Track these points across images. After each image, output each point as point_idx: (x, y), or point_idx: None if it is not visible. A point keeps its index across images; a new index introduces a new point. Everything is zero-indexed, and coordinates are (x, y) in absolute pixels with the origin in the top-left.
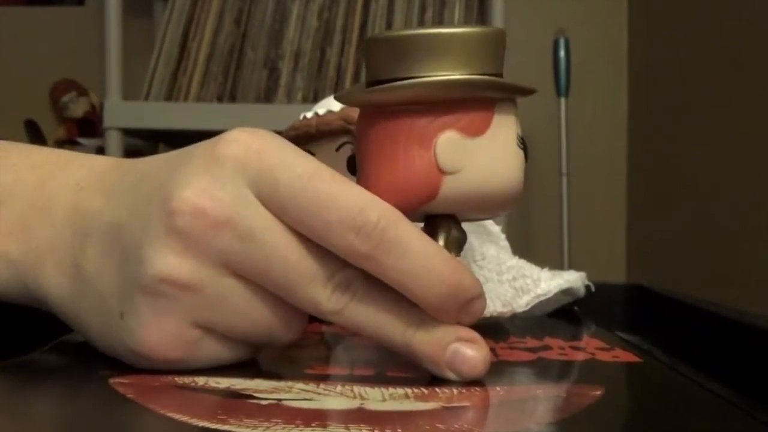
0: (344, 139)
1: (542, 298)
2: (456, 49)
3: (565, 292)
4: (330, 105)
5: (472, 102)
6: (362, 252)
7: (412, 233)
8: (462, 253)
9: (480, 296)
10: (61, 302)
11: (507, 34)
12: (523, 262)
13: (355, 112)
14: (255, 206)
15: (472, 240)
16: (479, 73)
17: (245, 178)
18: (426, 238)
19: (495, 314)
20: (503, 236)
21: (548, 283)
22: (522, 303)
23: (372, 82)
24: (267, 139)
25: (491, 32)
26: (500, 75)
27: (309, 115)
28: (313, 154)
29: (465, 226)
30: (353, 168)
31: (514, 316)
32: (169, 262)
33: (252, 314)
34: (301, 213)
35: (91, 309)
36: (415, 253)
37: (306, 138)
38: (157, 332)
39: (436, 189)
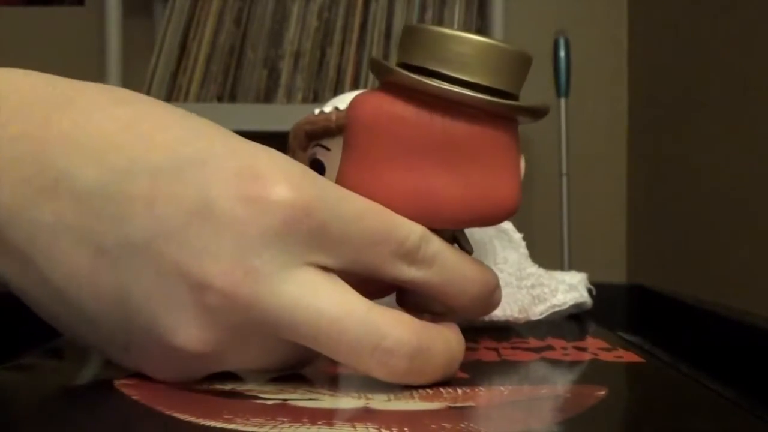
0: None
1: (557, 309)
2: (510, 66)
3: (577, 305)
4: (350, 99)
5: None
6: (411, 276)
7: (443, 245)
8: (483, 254)
9: (498, 286)
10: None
11: (507, 34)
12: (542, 271)
13: None
14: (293, 274)
15: (495, 244)
16: (513, 92)
17: (290, 243)
18: (451, 247)
19: (511, 319)
20: (523, 244)
21: (564, 295)
22: (537, 311)
23: (406, 66)
24: (311, 187)
25: (529, 56)
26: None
27: (327, 109)
28: (328, 149)
29: (486, 229)
30: None
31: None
32: (192, 335)
33: (269, 360)
34: (352, 255)
35: (79, 321)
36: (451, 263)
37: (323, 132)
38: (166, 374)
39: (517, 205)
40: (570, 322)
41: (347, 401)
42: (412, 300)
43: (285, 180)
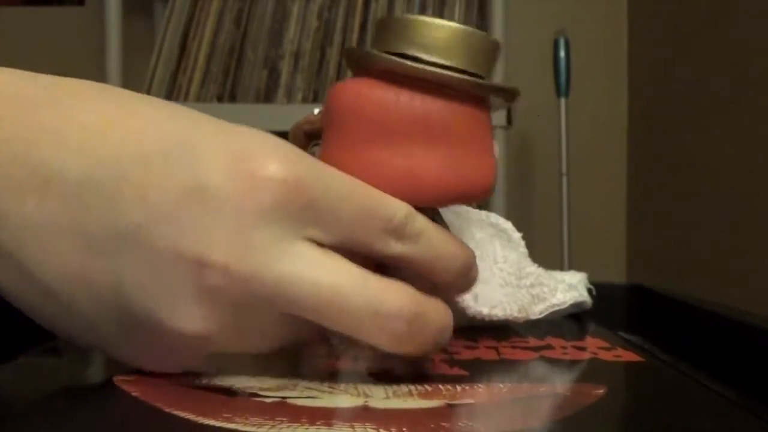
0: None
1: (556, 308)
2: (481, 50)
3: (577, 304)
4: None
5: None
6: (399, 251)
7: (427, 222)
8: (484, 254)
9: (475, 264)
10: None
11: (507, 34)
12: (541, 270)
13: None
14: (290, 248)
15: (495, 243)
16: (484, 76)
17: (284, 218)
18: (434, 224)
19: (510, 318)
20: (523, 243)
21: (564, 294)
22: (536, 311)
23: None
24: (302, 165)
25: (498, 43)
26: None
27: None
28: None
29: (486, 229)
30: None
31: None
32: (192, 316)
33: (268, 340)
34: (344, 231)
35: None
36: (436, 239)
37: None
38: (167, 365)
39: (493, 183)
40: (570, 322)
41: (346, 399)
42: (399, 278)
43: (276, 157)
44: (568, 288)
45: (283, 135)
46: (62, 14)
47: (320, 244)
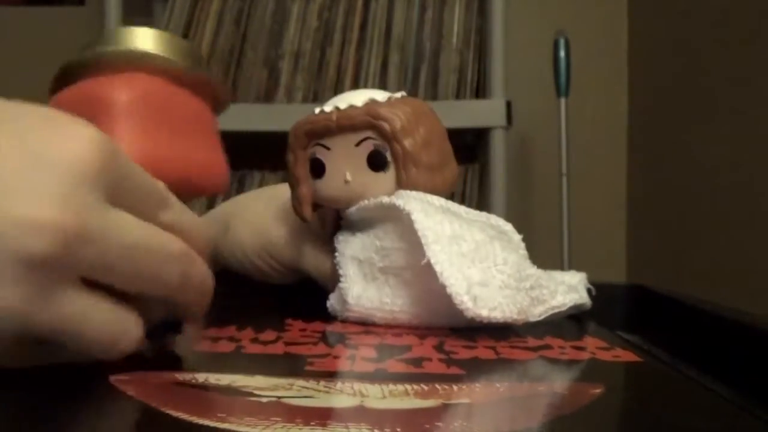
0: (367, 134)
1: (555, 311)
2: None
3: (576, 306)
4: (350, 99)
5: None
6: (170, 218)
7: (178, 200)
8: (484, 255)
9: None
10: None
11: (507, 34)
12: (541, 272)
13: (381, 107)
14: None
15: (496, 245)
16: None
17: (104, 184)
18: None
19: (510, 321)
20: (523, 245)
21: (564, 296)
22: (536, 313)
23: None
24: (110, 143)
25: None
26: None
27: (327, 108)
28: (328, 148)
29: (487, 230)
30: (375, 164)
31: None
32: (10, 294)
33: (86, 324)
34: (137, 201)
35: None
36: (190, 213)
37: (324, 132)
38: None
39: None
40: (568, 322)
41: (342, 399)
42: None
43: (89, 132)
44: (568, 290)
45: (283, 135)
46: (62, 14)
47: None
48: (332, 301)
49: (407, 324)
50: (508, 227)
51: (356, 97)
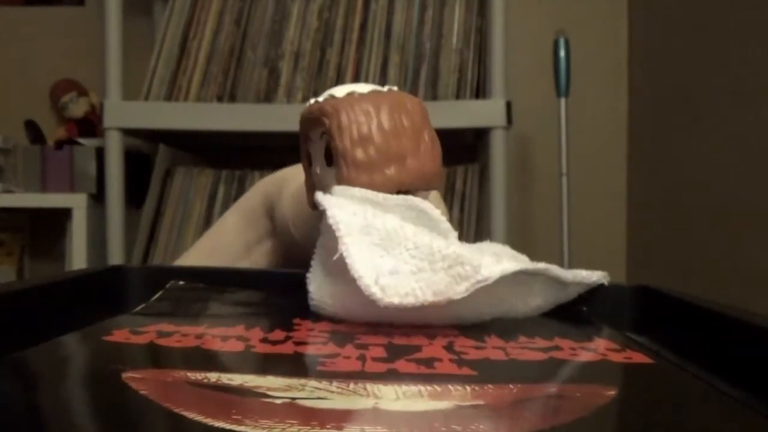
0: (324, 128)
1: (482, 284)
2: None
3: (561, 283)
4: (334, 91)
5: None
6: None
7: None
8: (394, 242)
9: None
10: None
11: (507, 34)
12: (466, 250)
13: (333, 103)
14: None
15: (407, 230)
16: None
17: None
18: None
19: (426, 303)
20: (443, 221)
21: (489, 269)
22: (460, 290)
23: None
24: None
25: None
26: None
27: (321, 99)
28: (310, 139)
29: (404, 214)
30: (328, 158)
31: (521, 317)
32: None
33: None
34: None
35: None
36: None
37: (305, 123)
38: None
39: None
40: (577, 323)
41: (356, 400)
42: None
43: None
44: (495, 262)
45: (283, 135)
46: (62, 14)
47: None
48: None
49: (355, 320)
50: (425, 205)
51: (339, 90)
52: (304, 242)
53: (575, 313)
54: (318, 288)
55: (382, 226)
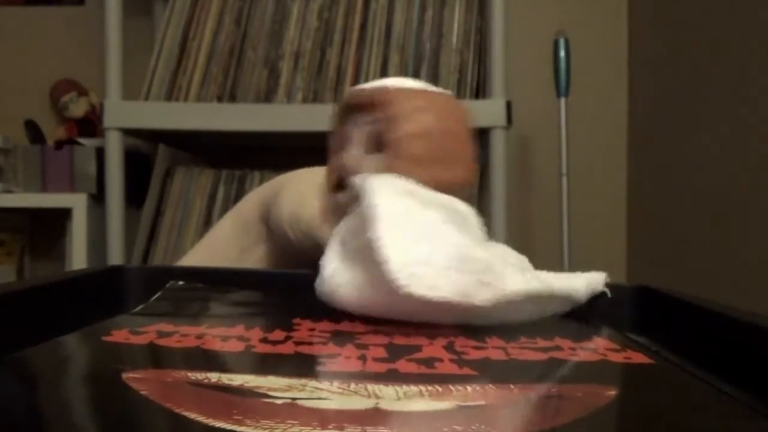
0: (375, 115)
1: (509, 298)
2: None
3: (562, 299)
4: (384, 81)
5: None
6: None
7: None
8: (434, 235)
9: None
10: None
11: (507, 34)
12: (498, 259)
13: (391, 92)
14: None
15: (449, 226)
16: None
17: None
18: None
19: (444, 302)
20: (479, 227)
21: (516, 283)
22: (484, 298)
23: None
24: None
25: None
26: None
27: (368, 86)
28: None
29: (441, 212)
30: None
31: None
32: None
33: None
34: None
35: None
36: None
37: (358, 108)
38: None
39: None
40: (577, 323)
41: (357, 401)
42: None
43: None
44: (522, 276)
45: (283, 135)
46: (62, 14)
47: None
48: (318, 279)
49: (364, 311)
50: (464, 208)
51: (389, 81)
52: (300, 244)
53: (576, 313)
54: (333, 273)
55: (419, 219)
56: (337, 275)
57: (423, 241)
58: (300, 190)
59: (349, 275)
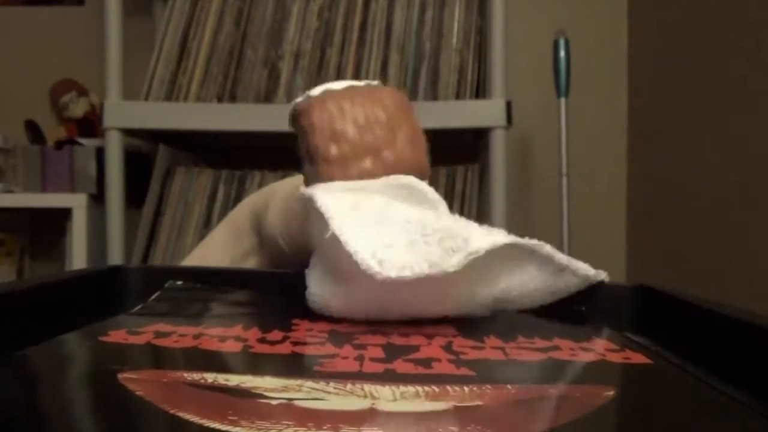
0: None
1: (474, 256)
2: None
3: (561, 270)
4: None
5: None
6: None
7: None
8: (384, 218)
9: None
10: None
11: (507, 34)
12: (457, 225)
13: (305, 102)
14: None
15: (397, 205)
16: None
17: None
18: None
19: (422, 275)
20: (438, 200)
21: (480, 241)
22: (453, 263)
23: None
24: None
25: None
26: None
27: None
28: None
29: (392, 192)
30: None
31: (520, 311)
32: None
33: None
34: None
35: None
36: None
37: (292, 123)
38: None
39: None
40: (576, 323)
41: (353, 401)
42: None
43: None
44: (486, 233)
45: (283, 135)
46: (62, 14)
47: None
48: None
49: (354, 316)
50: (409, 179)
51: (315, 89)
52: (292, 253)
53: (574, 313)
54: (317, 286)
55: (370, 205)
56: (321, 287)
57: (379, 225)
58: (288, 200)
59: (331, 286)
